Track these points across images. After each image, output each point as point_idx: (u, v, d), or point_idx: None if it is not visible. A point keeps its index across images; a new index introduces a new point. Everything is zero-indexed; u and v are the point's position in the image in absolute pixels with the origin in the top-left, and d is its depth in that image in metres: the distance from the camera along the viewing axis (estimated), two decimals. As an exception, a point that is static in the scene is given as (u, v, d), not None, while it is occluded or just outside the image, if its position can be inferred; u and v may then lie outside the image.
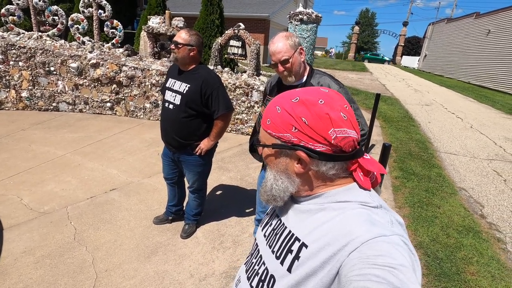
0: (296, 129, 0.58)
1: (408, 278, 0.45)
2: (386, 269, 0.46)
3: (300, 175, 0.63)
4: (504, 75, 14.25)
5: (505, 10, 15.05)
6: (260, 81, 5.02)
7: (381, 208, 0.58)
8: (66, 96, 5.38)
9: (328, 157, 0.58)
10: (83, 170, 3.44)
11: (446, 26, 22.07)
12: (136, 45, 9.48)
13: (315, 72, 1.53)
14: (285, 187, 0.64)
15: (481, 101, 10.71)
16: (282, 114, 0.60)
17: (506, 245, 2.69)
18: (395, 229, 0.54)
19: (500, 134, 6.40)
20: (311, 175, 0.62)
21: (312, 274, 0.55)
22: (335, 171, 0.60)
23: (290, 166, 0.62)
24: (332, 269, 0.53)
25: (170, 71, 2.21)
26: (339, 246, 0.53)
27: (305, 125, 0.57)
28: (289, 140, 0.60)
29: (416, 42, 34.04)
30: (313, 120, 0.57)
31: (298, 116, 0.58)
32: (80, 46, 5.42)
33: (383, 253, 0.48)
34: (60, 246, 2.24)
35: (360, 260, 0.49)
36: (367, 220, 0.54)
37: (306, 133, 0.57)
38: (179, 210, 2.61)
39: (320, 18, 5.83)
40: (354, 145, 0.59)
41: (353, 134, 0.58)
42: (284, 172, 0.64)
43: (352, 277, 0.47)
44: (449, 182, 3.87)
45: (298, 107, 0.59)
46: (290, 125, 0.59)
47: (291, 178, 0.63)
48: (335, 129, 0.56)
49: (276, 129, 0.61)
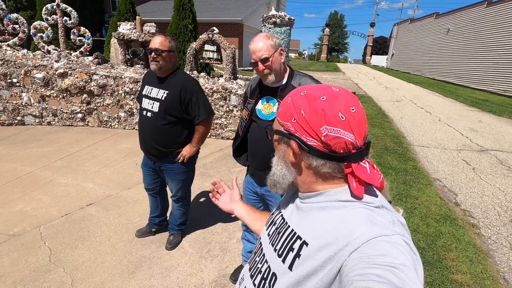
0: (295, 119, 0.60)
1: (410, 278, 0.45)
2: (387, 268, 0.45)
3: (294, 164, 0.65)
4: (464, 70, 15.27)
5: (462, 10, 16.17)
6: (238, 85, 5.01)
7: (382, 208, 0.58)
8: (32, 109, 5.06)
9: (318, 153, 0.59)
10: (56, 186, 3.23)
11: (410, 26, 23.31)
12: (107, 53, 9.14)
13: (295, 74, 1.54)
14: (283, 174, 0.67)
15: (446, 95, 11.38)
16: (289, 104, 0.63)
17: (480, 229, 2.85)
18: (397, 228, 0.54)
19: (466, 125, 6.82)
20: (304, 168, 0.64)
21: (312, 273, 0.55)
22: (328, 170, 0.60)
23: (287, 154, 0.65)
24: (333, 268, 0.53)
25: (145, 78, 2.13)
26: (340, 245, 0.53)
27: (302, 117, 0.59)
28: (288, 129, 0.63)
29: (384, 42, 35.62)
30: (309, 114, 0.58)
31: (299, 108, 0.60)
32: (45, 56, 5.13)
33: (384, 253, 0.48)
34: (34, 269, 2.07)
35: (361, 260, 0.49)
36: (368, 219, 0.54)
37: (302, 125, 0.59)
38: (163, 221, 2.52)
39: (293, 21, 5.93)
40: (347, 148, 0.57)
41: (348, 136, 0.56)
42: (282, 159, 0.67)
43: (353, 277, 0.47)
44: (424, 173, 4.06)
45: (301, 100, 0.61)
46: (291, 115, 0.61)
47: (288, 166, 0.66)
48: (327, 126, 0.56)
49: (282, 117, 0.64)
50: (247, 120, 1.63)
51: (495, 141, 5.70)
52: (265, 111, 1.55)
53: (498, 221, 2.99)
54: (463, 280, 2.16)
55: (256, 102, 1.58)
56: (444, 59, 17.41)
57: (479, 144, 5.45)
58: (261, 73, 1.45)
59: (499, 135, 6.11)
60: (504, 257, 2.47)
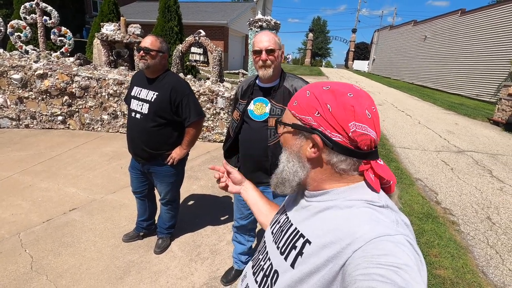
0: (319, 114, 0.59)
1: (413, 278, 0.45)
2: (390, 268, 0.45)
3: (311, 160, 0.63)
4: (440, 76, 16.00)
5: (439, 18, 16.99)
6: (225, 88, 5.01)
7: (387, 208, 0.58)
8: (8, 111, 4.83)
9: (342, 149, 0.58)
10: (35, 191, 3.10)
11: (389, 32, 24.18)
12: (89, 54, 8.89)
13: (287, 75, 1.57)
14: (295, 170, 0.64)
15: (424, 99, 11.87)
16: (310, 98, 0.61)
17: (460, 226, 2.99)
18: (400, 228, 0.54)
19: (443, 127, 7.13)
20: (321, 164, 0.62)
21: (314, 271, 0.55)
22: (345, 166, 0.60)
23: (303, 150, 0.63)
24: (335, 266, 0.53)
25: (134, 79, 2.10)
26: (343, 244, 0.53)
27: (328, 111, 0.58)
28: (309, 123, 0.60)
29: (365, 48, 36.66)
30: (337, 109, 0.57)
31: (324, 102, 0.59)
32: (23, 56, 4.93)
33: (388, 253, 0.48)
34: (15, 278, 1.98)
35: (364, 259, 0.49)
36: (372, 219, 0.54)
37: (327, 120, 0.58)
38: (151, 225, 2.47)
39: (279, 25, 6.01)
40: (371, 146, 0.59)
41: (373, 134, 0.58)
42: (296, 154, 0.64)
43: (356, 276, 0.47)
44: (407, 174, 4.21)
45: (327, 94, 0.60)
46: (314, 109, 0.60)
47: (302, 162, 0.64)
48: (356, 122, 0.57)
49: (301, 111, 0.62)
50: (239, 121, 1.64)
51: (471, 142, 6.00)
52: (257, 112, 1.57)
53: (476, 218, 3.14)
54: (446, 274, 2.26)
55: (248, 102, 1.60)
56: (421, 64, 18.17)
57: (456, 146, 5.71)
58: (263, 63, 1.45)
59: (474, 137, 6.43)
60: (482, 252, 2.60)
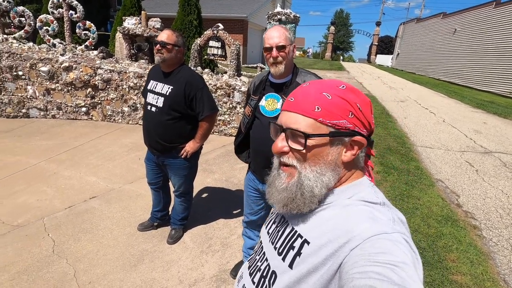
0: (353, 114, 0.58)
1: (410, 276, 0.45)
2: (387, 266, 0.46)
3: (346, 164, 0.60)
4: (470, 71, 15.13)
5: (470, 10, 15.99)
6: (242, 82, 5.00)
7: (383, 206, 0.58)
8: (37, 102, 5.09)
9: (370, 143, 0.63)
10: (60, 178, 3.26)
11: (416, 25, 23.10)
12: (111, 47, 9.15)
13: (299, 71, 1.54)
14: (328, 182, 0.60)
15: (451, 96, 11.29)
16: (336, 100, 0.58)
17: (482, 231, 2.84)
18: (397, 226, 0.54)
19: (470, 127, 6.77)
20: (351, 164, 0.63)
21: (313, 270, 0.56)
22: (361, 160, 0.64)
23: (341, 155, 0.60)
24: (333, 265, 0.53)
25: (151, 73, 2.14)
26: (340, 242, 0.53)
27: (359, 110, 0.59)
28: (345, 127, 0.58)
29: (389, 41, 35.32)
30: (363, 106, 0.60)
31: (354, 102, 0.59)
32: (50, 49, 5.15)
33: (385, 251, 0.48)
34: (38, 260, 2.10)
35: (361, 257, 0.49)
36: (369, 217, 0.55)
37: (360, 119, 0.59)
38: (165, 216, 2.54)
39: (298, 18, 5.90)
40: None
41: None
42: (331, 163, 0.60)
43: (353, 274, 0.47)
44: (427, 174, 4.04)
45: (350, 94, 0.59)
46: (347, 111, 0.58)
47: (335, 170, 0.60)
48: (372, 116, 0.62)
49: (331, 116, 0.57)
50: (250, 116, 1.64)
51: (500, 143, 5.66)
52: (269, 108, 1.55)
53: (500, 224, 2.98)
54: (463, 281, 2.16)
55: (259, 98, 1.59)
56: (449, 59, 17.26)
57: (483, 146, 5.41)
58: (274, 60, 1.43)
59: (504, 138, 6.06)
60: (505, 259, 2.47)
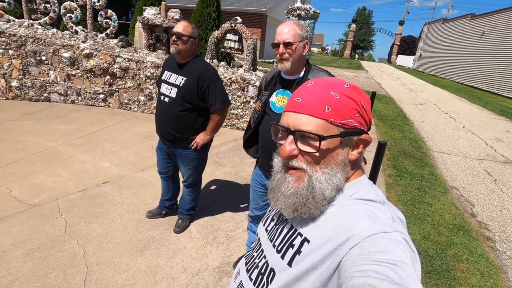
0: (359, 113, 0.59)
1: (409, 275, 0.45)
2: (386, 265, 0.46)
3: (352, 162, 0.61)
4: (497, 77, 14.46)
5: (500, 12, 15.21)
6: (257, 76, 4.98)
7: (383, 204, 0.58)
8: (57, 87, 5.26)
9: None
10: (75, 162, 3.37)
11: (442, 26, 22.23)
12: (131, 37, 9.30)
13: (312, 68, 1.52)
14: (338, 182, 0.59)
15: (474, 101, 10.86)
16: (343, 99, 0.57)
17: (495, 243, 2.74)
18: (396, 226, 0.54)
19: (491, 134, 6.50)
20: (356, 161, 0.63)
21: (312, 269, 0.56)
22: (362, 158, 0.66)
23: (349, 154, 0.60)
24: (332, 263, 0.53)
25: (166, 63, 2.16)
26: (340, 241, 0.53)
27: (363, 109, 0.60)
28: (353, 126, 0.58)
29: (412, 42, 34.23)
30: (366, 104, 0.60)
31: (359, 101, 0.59)
32: (72, 36, 5.29)
33: (384, 250, 0.48)
34: (51, 239, 2.20)
35: (361, 256, 0.49)
36: (369, 216, 0.55)
37: (364, 117, 0.60)
38: (173, 205, 2.58)
39: (318, 14, 5.80)
40: None
41: None
42: (341, 164, 0.59)
43: (353, 273, 0.47)
44: (441, 181, 3.92)
45: (355, 92, 0.60)
46: (354, 110, 0.58)
47: (344, 170, 0.59)
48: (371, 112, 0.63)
49: (341, 115, 0.57)
50: (260, 112, 1.63)
51: (522, 153, 5.41)
52: (278, 104, 1.54)
53: (516, 237, 2.86)
54: (471, 292, 2.10)
55: (270, 94, 1.57)
56: (475, 63, 16.55)
57: (504, 155, 5.19)
58: (280, 56, 1.44)
59: (527, 148, 5.79)
60: (518, 274, 2.37)
